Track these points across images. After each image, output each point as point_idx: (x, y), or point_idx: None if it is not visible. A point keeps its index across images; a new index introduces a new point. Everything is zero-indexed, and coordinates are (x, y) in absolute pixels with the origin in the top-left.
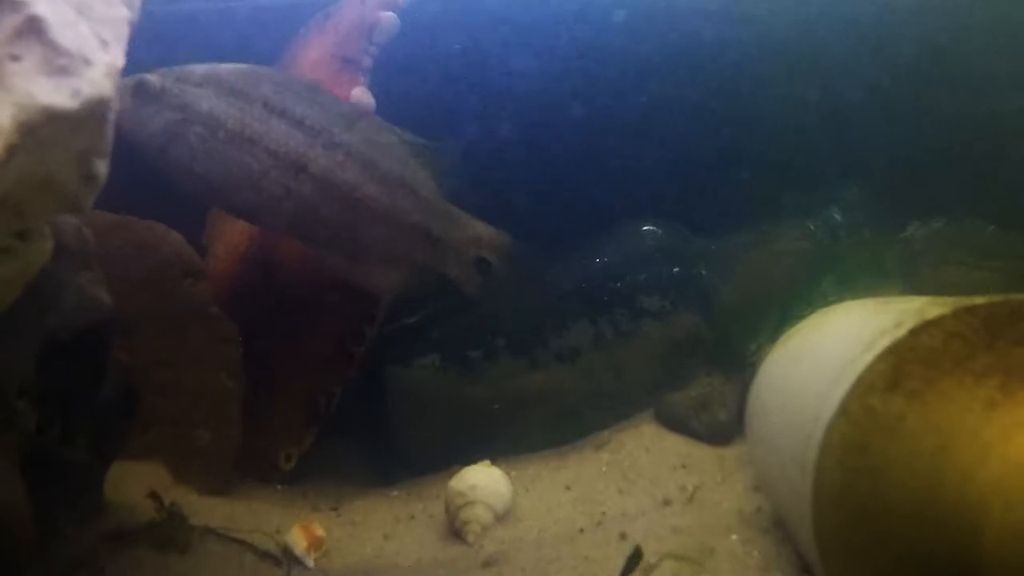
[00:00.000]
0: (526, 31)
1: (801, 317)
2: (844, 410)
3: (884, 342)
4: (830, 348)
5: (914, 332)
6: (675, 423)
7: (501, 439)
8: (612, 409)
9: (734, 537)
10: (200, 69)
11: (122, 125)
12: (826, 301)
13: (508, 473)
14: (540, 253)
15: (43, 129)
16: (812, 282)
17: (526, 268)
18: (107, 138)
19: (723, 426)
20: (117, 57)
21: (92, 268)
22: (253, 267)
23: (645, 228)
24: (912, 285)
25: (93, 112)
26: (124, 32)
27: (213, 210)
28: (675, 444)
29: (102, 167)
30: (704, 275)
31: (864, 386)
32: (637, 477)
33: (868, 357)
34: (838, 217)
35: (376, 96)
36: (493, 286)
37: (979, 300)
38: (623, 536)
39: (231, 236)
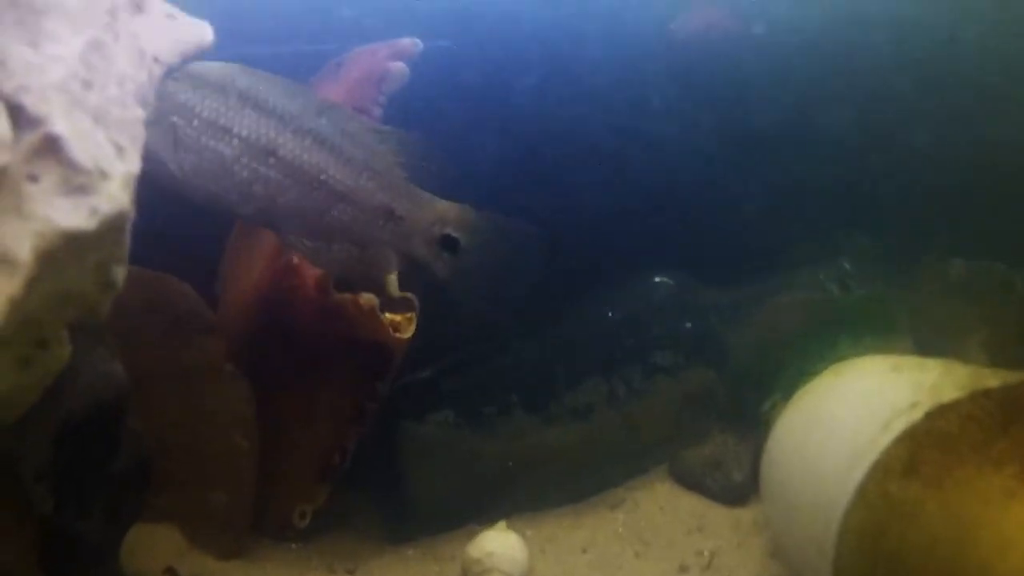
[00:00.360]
0: (533, 77)
1: (814, 373)
2: (862, 494)
3: (900, 424)
4: (845, 421)
5: (930, 416)
6: (690, 481)
7: (516, 496)
8: (626, 465)
9: None
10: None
11: None
12: (838, 356)
13: (523, 532)
14: (514, 226)
15: (62, 252)
16: (824, 335)
17: (497, 242)
18: (125, 246)
19: (738, 487)
20: (133, 163)
21: (106, 342)
22: (266, 321)
23: (657, 280)
24: (924, 337)
25: (112, 227)
26: (140, 133)
27: (226, 259)
28: (690, 504)
29: (120, 273)
30: (716, 328)
31: (881, 470)
32: (653, 539)
33: (884, 440)
34: (848, 266)
35: None
36: (463, 263)
37: (993, 382)
38: None
39: (244, 288)
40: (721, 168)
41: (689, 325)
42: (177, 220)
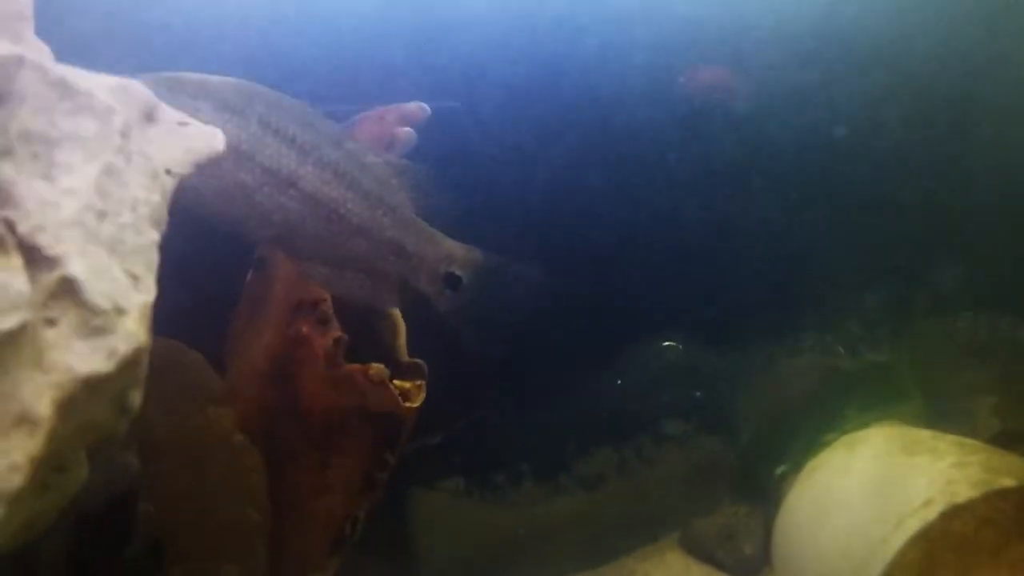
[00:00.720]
0: (538, 134)
1: (824, 444)
2: None
3: (914, 523)
4: (858, 512)
5: (945, 516)
6: (701, 553)
7: (526, 565)
8: (637, 534)
9: None
10: (192, 79)
11: None
12: (847, 425)
13: None
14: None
15: (81, 396)
16: (833, 402)
17: (498, 282)
18: (142, 374)
19: (749, 560)
20: (149, 291)
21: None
22: (275, 391)
23: (666, 344)
24: (934, 402)
25: (129, 364)
26: (154, 258)
27: (234, 325)
28: None
29: (137, 397)
30: (725, 395)
31: (898, 571)
32: None
33: (899, 539)
34: (856, 329)
35: None
36: (464, 300)
37: (1008, 480)
38: None
39: (253, 356)
40: (725, 225)
41: (699, 394)
42: (184, 281)
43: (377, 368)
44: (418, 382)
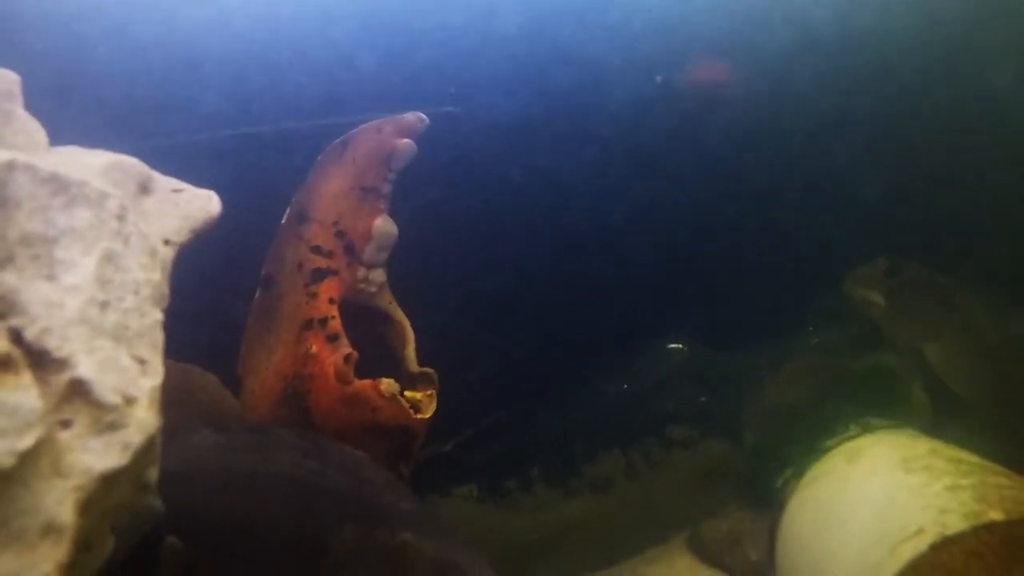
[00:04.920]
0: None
1: (825, 449)
2: None
3: (906, 552)
4: (856, 531)
5: (935, 548)
6: (708, 556)
7: (539, 569)
8: (646, 537)
9: None
10: None
11: None
12: (848, 430)
13: None
14: None
15: (101, 490)
16: (833, 405)
17: None
18: (156, 453)
19: (754, 566)
20: (157, 374)
21: None
22: (289, 409)
23: (671, 346)
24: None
25: (144, 452)
26: (159, 338)
27: (245, 345)
28: None
29: (154, 473)
30: (729, 399)
31: None
32: None
33: (892, 567)
34: (855, 329)
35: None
36: None
37: (997, 516)
38: None
39: (266, 375)
40: (724, 225)
41: (704, 399)
42: (196, 304)
43: (387, 383)
44: (429, 392)
